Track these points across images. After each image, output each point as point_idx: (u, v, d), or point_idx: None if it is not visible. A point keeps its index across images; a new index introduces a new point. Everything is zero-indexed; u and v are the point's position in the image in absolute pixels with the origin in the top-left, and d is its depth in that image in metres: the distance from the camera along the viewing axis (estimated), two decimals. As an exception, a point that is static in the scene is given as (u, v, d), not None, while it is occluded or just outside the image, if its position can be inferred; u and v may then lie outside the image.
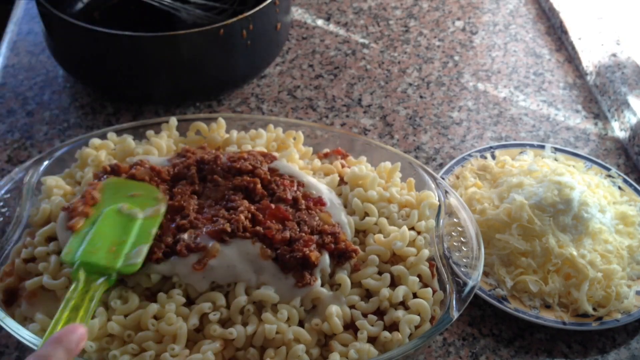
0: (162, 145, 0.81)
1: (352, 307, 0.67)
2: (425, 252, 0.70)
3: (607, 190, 0.88)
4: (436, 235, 0.73)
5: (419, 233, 0.74)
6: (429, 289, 0.68)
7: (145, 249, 0.65)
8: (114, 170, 0.74)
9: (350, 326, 0.66)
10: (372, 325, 0.66)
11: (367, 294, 0.69)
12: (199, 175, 0.75)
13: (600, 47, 1.12)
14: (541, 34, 1.25)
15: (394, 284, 0.69)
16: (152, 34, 0.89)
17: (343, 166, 0.82)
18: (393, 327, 0.66)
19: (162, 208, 0.69)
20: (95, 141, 0.80)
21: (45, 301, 0.65)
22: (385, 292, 0.67)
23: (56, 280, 0.65)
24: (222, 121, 0.85)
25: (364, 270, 0.69)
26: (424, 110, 1.05)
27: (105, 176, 0.73)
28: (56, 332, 0.53)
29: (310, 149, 0.84)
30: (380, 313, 0.67)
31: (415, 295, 0.69)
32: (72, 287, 0.61)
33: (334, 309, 0.65)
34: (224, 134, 0.84)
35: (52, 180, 0.77)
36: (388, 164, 0.81)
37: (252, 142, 0.82)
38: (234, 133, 0.84)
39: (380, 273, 0.70)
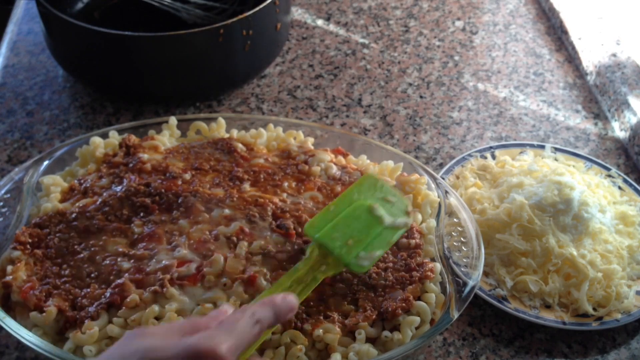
0: (165, 143, 0.82)
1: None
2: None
3: (607, 190, 0.88)
4: (436, 235, 0.74)
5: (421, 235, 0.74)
6: (433, 295, 0.68)
7: (376, 255, 0.65)
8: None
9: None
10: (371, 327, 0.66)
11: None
12: None
13: (600, 47, 1.12)
14: (541, 34, 1.25)
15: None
16: (152, 34, 0.89)
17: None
18: (393, 329, 0.66)
19: (409, 223, 0.70)
20: (96, 139, 0.81)
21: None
22: None
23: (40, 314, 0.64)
24: (222, 121, 0.85)
25: None
26: (424, 110, 1.05)
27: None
28: (272, 295, 0.55)
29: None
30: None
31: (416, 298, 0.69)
32: (304, 259, 0.64)
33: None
34: (224, 133, 0.84)
35: (50, 179, 0.77)
36: (391, 163, 0.81)
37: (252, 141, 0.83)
38: (234, 133, 0.84)
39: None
